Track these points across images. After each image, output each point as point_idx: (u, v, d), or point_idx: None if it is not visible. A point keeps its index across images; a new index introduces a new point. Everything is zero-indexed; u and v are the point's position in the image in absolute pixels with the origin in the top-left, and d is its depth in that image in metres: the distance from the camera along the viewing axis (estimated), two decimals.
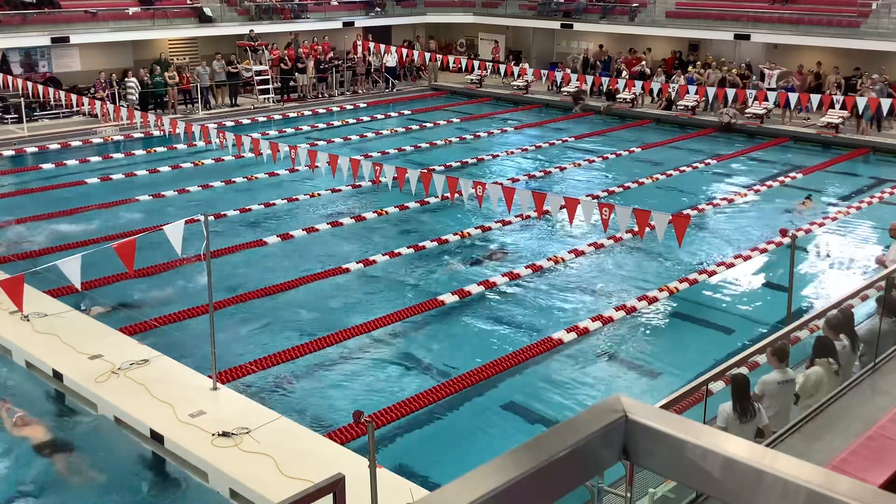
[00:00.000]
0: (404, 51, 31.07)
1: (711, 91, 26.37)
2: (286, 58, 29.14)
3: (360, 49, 30.93)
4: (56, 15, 26.10)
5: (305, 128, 26.38)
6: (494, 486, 1.40)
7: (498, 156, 23.10)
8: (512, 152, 23.54)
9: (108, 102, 22.83)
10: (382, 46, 31.01)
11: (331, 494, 4.62)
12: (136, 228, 14.35)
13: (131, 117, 20.50)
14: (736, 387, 7.58)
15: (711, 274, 14.49)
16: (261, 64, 28.77)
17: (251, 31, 28.95)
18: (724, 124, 25.60)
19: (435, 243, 15.72)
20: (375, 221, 17.21)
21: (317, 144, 22.64)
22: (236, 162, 21.33)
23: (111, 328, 11.43)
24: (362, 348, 11.69)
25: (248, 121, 26.40)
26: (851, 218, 17.89)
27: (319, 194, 18.94)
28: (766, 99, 25.11)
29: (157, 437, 8.91)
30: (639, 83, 27.55)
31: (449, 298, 13.11)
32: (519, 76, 30.02)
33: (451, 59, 30.59)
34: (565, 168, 21.81)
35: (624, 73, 29.27)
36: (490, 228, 16.73)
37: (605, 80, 28.46)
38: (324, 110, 28.42)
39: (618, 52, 31.35)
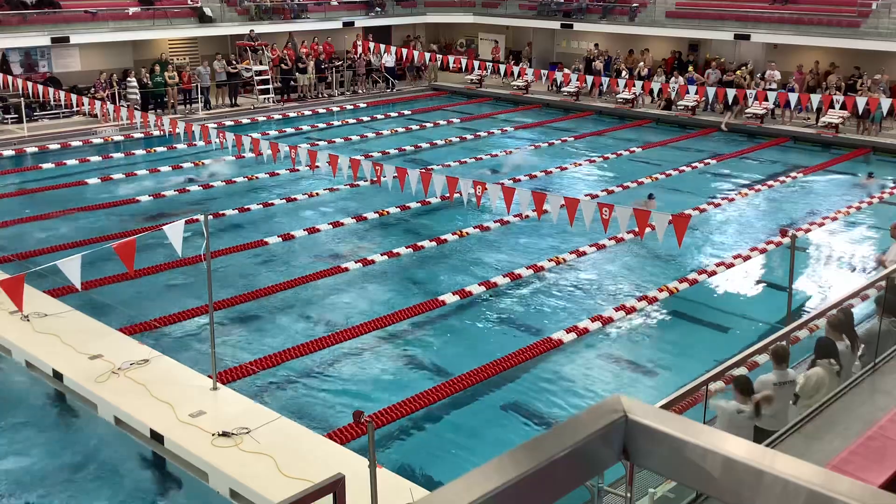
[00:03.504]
0: (404, 51, 31.06)
1: (711, 91, 26.38)
2: (286, 58, 29.15)
3: (360, 49, 30.93)
4: (56, 15, 26.09)
5: (305, 128, 26.39)
6: (494, 486, 1.40)
7: (497, 155, 23.09)
8: (510, 152, 23.53)
9: (108, 102, 22.83)
10: (382, 46, 31.02)
11: (331, 494, 4.63)
12: (136, 228, 14.37)
13: (131, 117, 20.51)
14: (738, 388, 7.59)
15: (711, 274, 14.49)
16: (261, 64, 28.78)
17: (251, 31, 28.96)
18: (728, 102, 25.59)
19: (434, 243, 15.74)
20: (375, 221, 17.22)
21: (317, 144, 22.66)
22: (236, 162, 21.35)
23: (111, 328, 11.43)
24: (362, 348, 11.69)
25: (248, 121, 26.41)
26: (851, 218, 17.90)
27: (318, 194, 18.96)
28: (766, 99, 25.12)
29: (157, 437, 8.91)
30: (639, 83, 27.57)
31: (450, 298, 13.12)
32: (519, 76, 30.03)
33: (451, 59, 30.60)
34: (566, 168, 21.82)
35: (624, 73, 29.28)
36: (489, 228, 16.75)
37: (605, 79, 28.51)
38: (324, 110, 28.42)
39: (617, 52, 31.35)
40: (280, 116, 27.31)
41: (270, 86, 28.59)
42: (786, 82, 26.35)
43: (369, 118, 27.71)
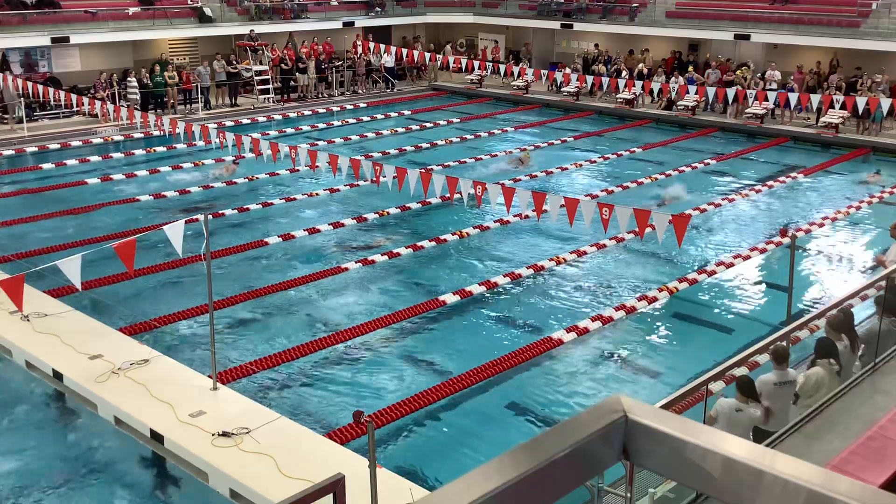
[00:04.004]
0: (404, 51, 31.06)
1: (711, 91, 26.38)
2: (286, 58, 29.15)
3: (360, 49, 30.93)
4: (56, 15, 26.09)
5: (305, 128, 26.39)
6: (494, 486, 1.40)
7: (497, 155, 23.07)
8: (511, 152, 23.51)
9: (108, 102, 22.83)
10: (382, 46, 31.01)
11: (331, 494, 4.63)
12: (136, 228, 14.36)
13: (131, 117, 20.50)
14: (740, 388, 7.60)
15: (711, 274, 14.48)
16: (261, 64, 28.78)
17: (251, 31, 28.96)
18: (728, 102, 25.59)
19: (434, 243, 15.73)
20: (375, 222, 17.21)
21: (317, 144, 22.65)
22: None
23: (111, 328, 11.43)
24: (362, 348, 11.69)
25: (248, 121, 26.41)
26: (851, 218, 17.90)
27: (318, 194, 18.96)
28: (766, 99, 25.12)
29: (157, 437, 8.91)
30: (639, 83, 27.57)
31: (450, 298, 13.11)
32: (519, 76, 30.02)
33: (451, 59, 30.60)
34: (566, 168, 21.81)
35: (624, 73, 29.27)
36: (489, 228, 16.75)
37: (605, 79, 28.51)
38: (324, 110, 28.42)
39: (617, 52, 31.34)
40: (280, 116, 27.31)
41: (270, 86, 28.58)
42: (786, 82, 26.35)
43: (369, 118, 27.70)
